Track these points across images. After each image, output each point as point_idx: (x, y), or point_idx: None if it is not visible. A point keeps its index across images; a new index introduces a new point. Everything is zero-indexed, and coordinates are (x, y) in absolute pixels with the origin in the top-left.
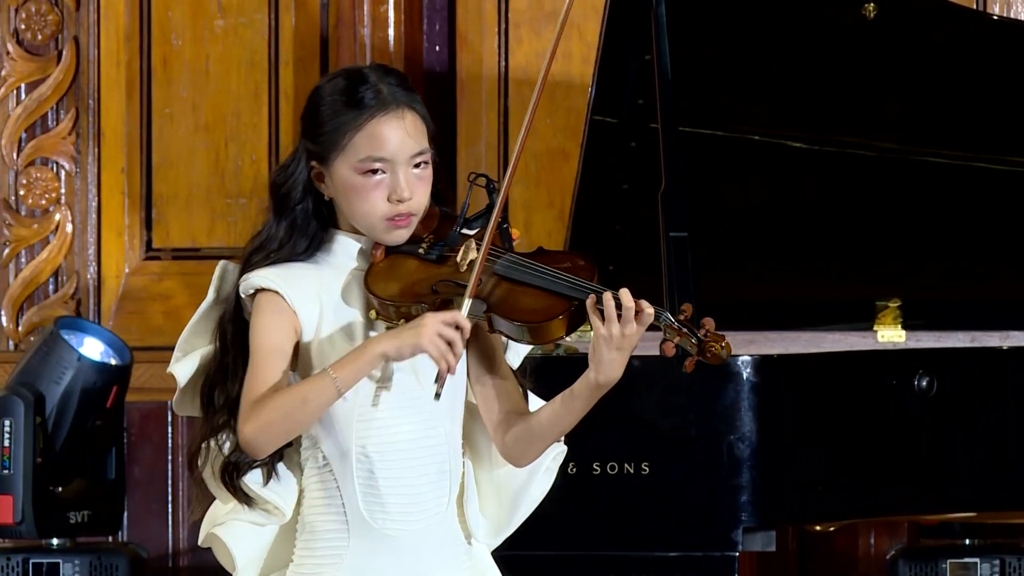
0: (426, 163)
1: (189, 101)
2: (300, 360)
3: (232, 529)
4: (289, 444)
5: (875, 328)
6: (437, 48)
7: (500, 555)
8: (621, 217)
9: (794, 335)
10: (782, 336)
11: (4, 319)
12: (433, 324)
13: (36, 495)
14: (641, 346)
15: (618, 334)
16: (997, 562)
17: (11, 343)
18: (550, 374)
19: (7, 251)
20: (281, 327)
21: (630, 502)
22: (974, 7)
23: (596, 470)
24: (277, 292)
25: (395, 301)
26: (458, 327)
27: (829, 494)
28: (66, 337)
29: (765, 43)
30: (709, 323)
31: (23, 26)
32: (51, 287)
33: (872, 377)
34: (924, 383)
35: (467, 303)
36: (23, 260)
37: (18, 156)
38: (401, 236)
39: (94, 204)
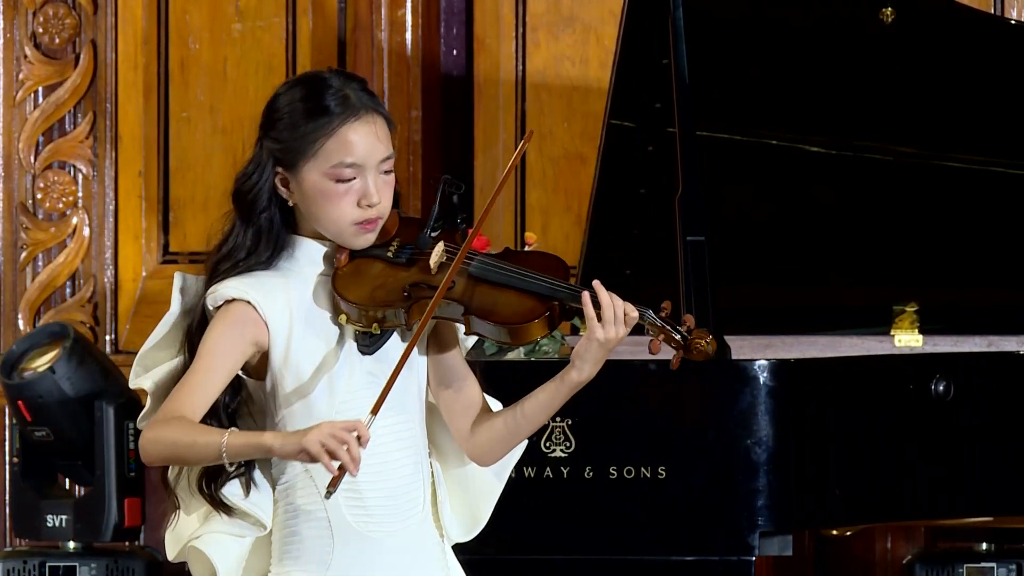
0: (391, 168)
1: (206, 104)
2: (271, 367)
3: (212, 542)
4: None
5: (892, 332)
6: (454, 52)
7: (514, 559)
8: (638, 221)
9: (811, 339)
10: (799, 340)
11: (21, 322)
12: (326, 429)
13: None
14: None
15: (614, 336)
16: (1014, 566)
17: None
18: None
19: (24, 254)
20: (236, 340)
21: (647, 506)
22: (991, 11)
23: (613, 474)
24: (249, 302)
25: (367, 305)
26: (359, 436)
27: (846, 498)
28: None
29: (782, 47)
30: (690, 320)
31: (40, 29)
32: (68, 291)
33: (889, 381)
34: (941, 387)
35: (370, 419)
36: (40, 263)
37: (35, 159)
38: (368, 240)
39: (111, 207)
